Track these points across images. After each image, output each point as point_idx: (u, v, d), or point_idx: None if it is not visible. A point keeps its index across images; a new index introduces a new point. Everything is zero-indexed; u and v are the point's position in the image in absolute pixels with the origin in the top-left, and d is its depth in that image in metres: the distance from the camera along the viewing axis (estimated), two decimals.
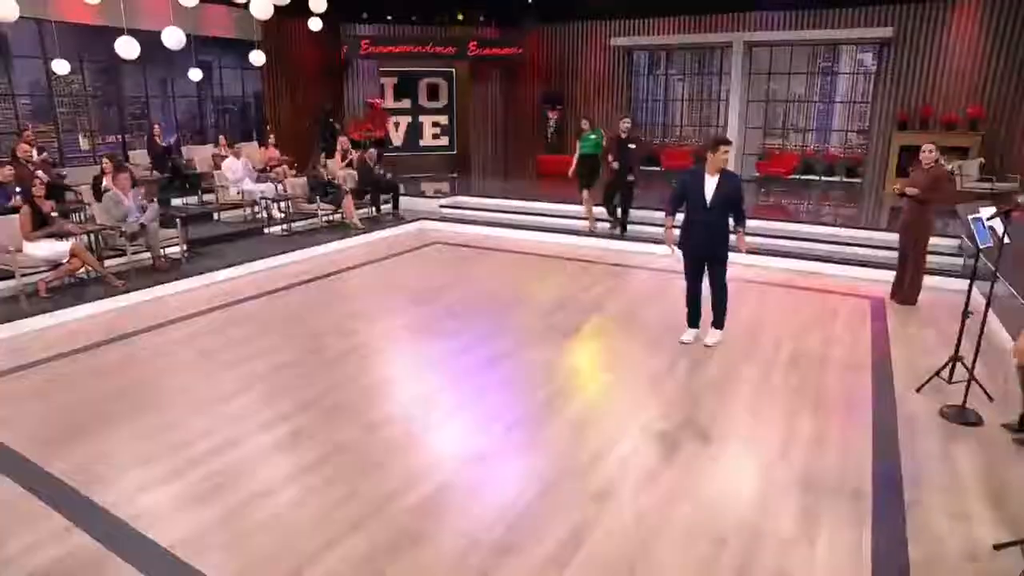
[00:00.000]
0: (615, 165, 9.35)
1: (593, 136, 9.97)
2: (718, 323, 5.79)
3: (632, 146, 9.38)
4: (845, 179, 14.98)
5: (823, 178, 15.25)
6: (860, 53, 14.97)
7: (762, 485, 3.65)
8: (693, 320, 5.88)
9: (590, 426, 4.31)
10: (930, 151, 6.68)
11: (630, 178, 9.52)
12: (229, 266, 8.13)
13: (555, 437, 4.19)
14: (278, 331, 6.23)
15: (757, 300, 7.21)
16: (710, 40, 14.87)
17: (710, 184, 5.30)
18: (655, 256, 8.89)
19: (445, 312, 6.76)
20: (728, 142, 5.34)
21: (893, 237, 7.38)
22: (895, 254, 7.32)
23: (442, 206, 12.22)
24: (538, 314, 6.69)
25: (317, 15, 10.80)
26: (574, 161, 10.07)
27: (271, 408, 4.58)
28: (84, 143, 11.95)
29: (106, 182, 8.17)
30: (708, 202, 5.30)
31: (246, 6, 9.17)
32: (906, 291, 7.10)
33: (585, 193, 10.04)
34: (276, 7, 9.20)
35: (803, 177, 15.42)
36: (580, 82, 16.61)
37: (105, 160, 8.15)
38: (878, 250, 8.55)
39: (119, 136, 12.19)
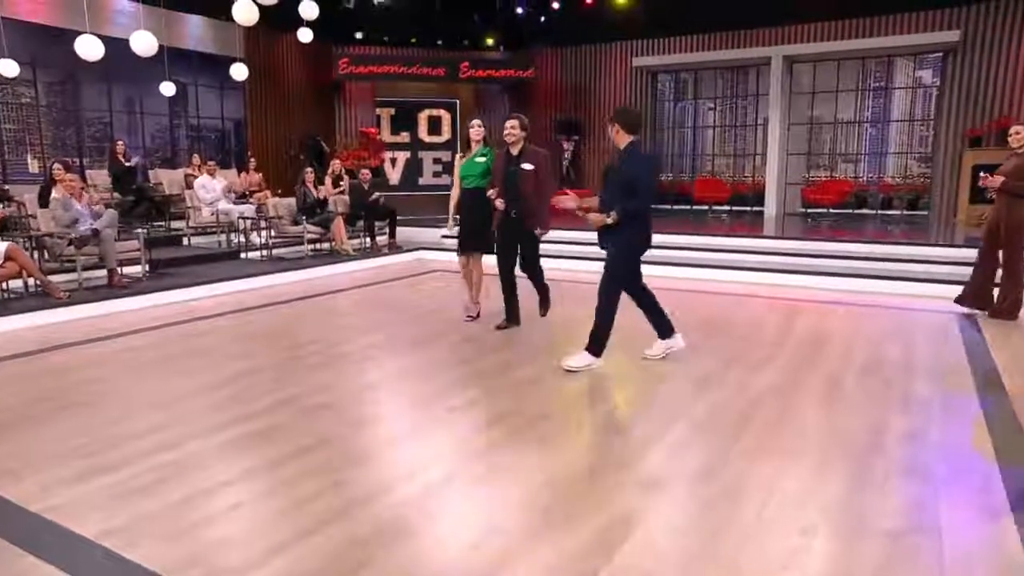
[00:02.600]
0: (500, 202, 5.91)
1: (482, 159, 6.19)
2: (591, 336, 5.02)
3: (527, 167, 5.86)
4: (907, 211, 14.76)
5: (880, 212, 15.06)
6: (919, 69, 15.00)
7: (854, 475, 3.34)
8: (661, 326, 5.32)
9: (630, 423, 4.11)
10: (1018, 132, 6.47)
11: (538, 231, 6.06)
12: (198, 284, 7.95)
13: (586, 433, 4.02)
14: (252, 342, 6.09)
15: (812, 317, 7.00)
16: (745, 56, 15.04)
17: (614, 165, 5.00)
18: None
19: (450, 326, 6.52)
20: (615, 112, 4.97)
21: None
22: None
23: (444, 236, 12.06)
24: (556, 328, 6.40)
25: (307, 23, 10.97)
26: (453, 201, 6.49)
27: (238, 407, 4.34)
28: (33, 165, 11.81)
29: (56, 192, 8.04)
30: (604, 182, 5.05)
31: (228, 7, 9.28)
32: (1002, 305, 6.72)
33: (463, 260, 6.57)
34: (262, 14, 9.28)
35: (857, 212, 15.25)
36: (598, 109, 16.78)
37: (56, 166, 8.04)
38: (959, 267, 8.27)
39: (76, 159, 12.14)
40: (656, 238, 10.58)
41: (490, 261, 6.39)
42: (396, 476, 3.39)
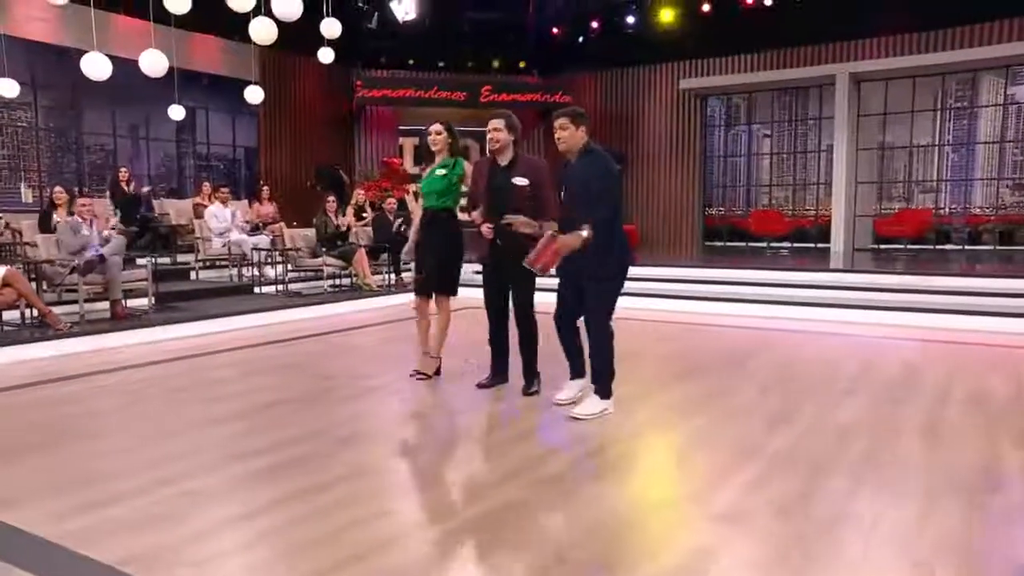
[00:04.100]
0: (486, 228, 5.11)
1: (442, 172, 5.42)
2: (594, 378, 4.78)
3: (520, 181, 5.03)
4: (999, 247, 14.50)
5: (966, 247, 14.84)
6: (1013, 85, 14.78)
7: (970, 511, 3.27)
8: (576, 366, 5.01)
9: (697, 458, 4.11)
10: None
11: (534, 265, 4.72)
12: (209, 319, 8.09)
13: (650, 466, 4.09)
14: (272, 375, 6.21)
15: (894, 353, 6.93)
16: (805, 75, 15.09)
17: (570, 173, 4.75)
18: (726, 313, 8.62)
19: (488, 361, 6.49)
20: (567, 110, 4.77)
21: None
22: None
23: (476, 272, 12.13)
24: None
25: (329, 42, 11.22)
26: (415, 220, 5.95)
27: (262, 437, 4.39)
28: (27, 195, 12.06)
29: (57, 216, 8.24)
30: (563, 195, 4.81)
31: (243, 27, 9.53)
32: None
33: (419, 301, 5.79)
34: (279, 35, 9.51)
35: (939, 247, 15.04)
36: (642, 136, 16.90)
37: (58, 189, 8.26)
38: None
39: (76, 187, 12.42)
40: (711, 273, 10.87)
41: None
42: (444, 505, 3.43)
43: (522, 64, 17.62)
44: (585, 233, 4.43)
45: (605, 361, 4.71)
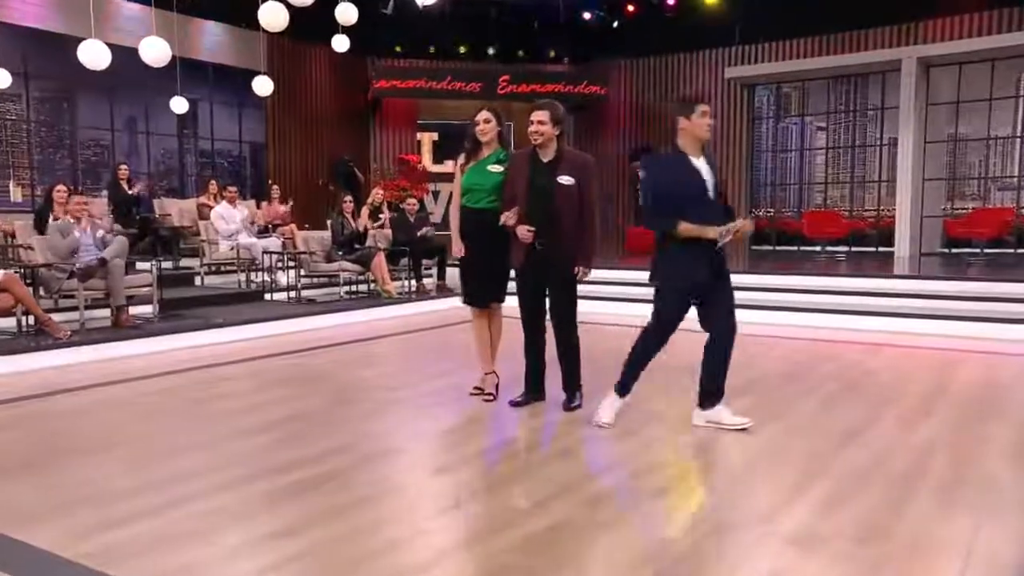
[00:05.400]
0: (524, 231, 4.94)
1: (497, 168, 5.19)
2: (715, 393, 4.79)
3: (565, 180, 4.96)
4: None
5: None
6: None
7: None
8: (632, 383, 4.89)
9: (764, 477, 4.12)
10: None
11: (579, 272, 5.13)
12: (218, 327, 8.23)
13: (710, 486, 4.12)
14: (290, 387, 6.33)
15: (974, 368, 6.89)
16: (865, 61, 15.01)
17: (703, 169, 4.60)
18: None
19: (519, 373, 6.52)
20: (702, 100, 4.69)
21: None
22: None
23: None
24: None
25: (344, 29, 11.38)
26: (455, 225, 5.39)
27: (284, 453, 4.47)
28: (16, 193, 12.25)
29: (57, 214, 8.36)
30: (711, 193, 4.61)
31: (251, 12, 9.67)
32: None
33: (479, 312, 5.57)
34: (290, 22, 9.64)
35: (1021, 251, 14.79)
36: None
37: (60, 187, 8.42)
38: None
39: (70, 186, 12.65)
40: (761, 280, 10.89)
41: None
42: (486, 524, 3.47)
43: (552, 53, 17.72)
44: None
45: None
